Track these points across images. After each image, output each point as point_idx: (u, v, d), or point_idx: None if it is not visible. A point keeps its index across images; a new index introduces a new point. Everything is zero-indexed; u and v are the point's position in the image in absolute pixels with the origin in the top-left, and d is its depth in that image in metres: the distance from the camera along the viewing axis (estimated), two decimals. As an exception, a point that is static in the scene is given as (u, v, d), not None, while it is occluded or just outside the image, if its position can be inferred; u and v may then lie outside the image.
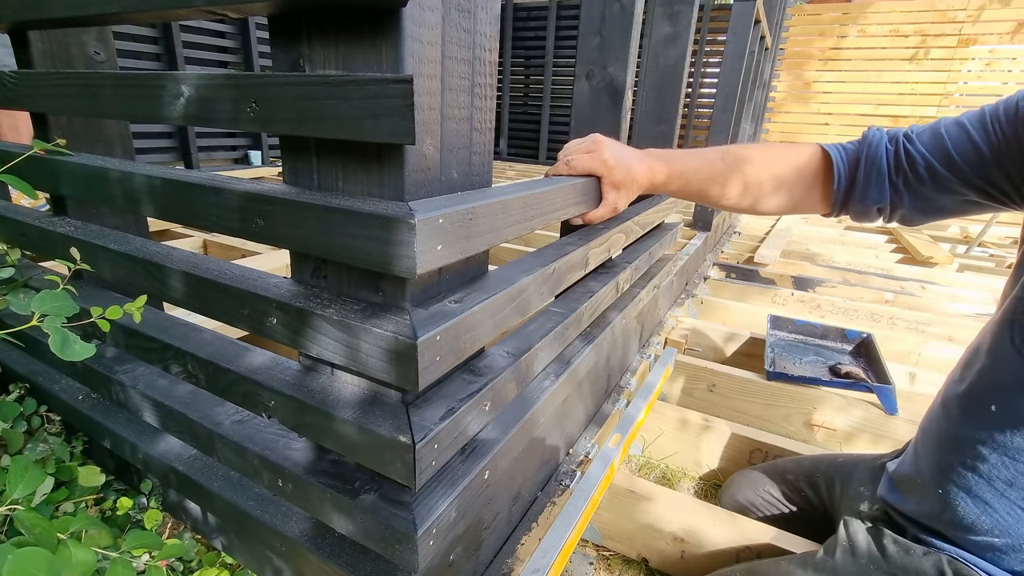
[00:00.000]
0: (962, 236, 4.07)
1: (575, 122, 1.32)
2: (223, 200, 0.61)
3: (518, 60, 7.05)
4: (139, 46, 3.86)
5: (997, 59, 5.05)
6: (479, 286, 0.66)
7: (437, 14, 0.52)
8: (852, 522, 0.83)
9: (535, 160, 7.00)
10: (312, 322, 0.56)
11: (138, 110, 0.69)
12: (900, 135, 0.80)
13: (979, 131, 0.71)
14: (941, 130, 0.75)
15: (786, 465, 1.14)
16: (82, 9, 0.69)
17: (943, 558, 0.71)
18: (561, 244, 0.93)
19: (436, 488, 0.59)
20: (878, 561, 0.77)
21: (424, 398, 0.60)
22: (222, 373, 0.68)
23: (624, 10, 1.18)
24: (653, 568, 1.06)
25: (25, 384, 0.97)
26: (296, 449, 0.66)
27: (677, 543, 1.03)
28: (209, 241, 2.42)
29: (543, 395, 0.80)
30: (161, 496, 0.89)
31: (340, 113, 0.50)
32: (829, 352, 1.76)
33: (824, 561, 0.82)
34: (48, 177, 0.86)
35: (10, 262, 0.96)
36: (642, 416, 1.18)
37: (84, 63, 0.96)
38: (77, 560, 0.52)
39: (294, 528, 0.67)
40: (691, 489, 1.35)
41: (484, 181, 0.67)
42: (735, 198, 0.90)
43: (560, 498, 0.94)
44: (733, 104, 2.45)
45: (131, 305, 0.64)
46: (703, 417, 1.38)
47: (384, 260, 0.50)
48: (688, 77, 1.94)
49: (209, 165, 4.57)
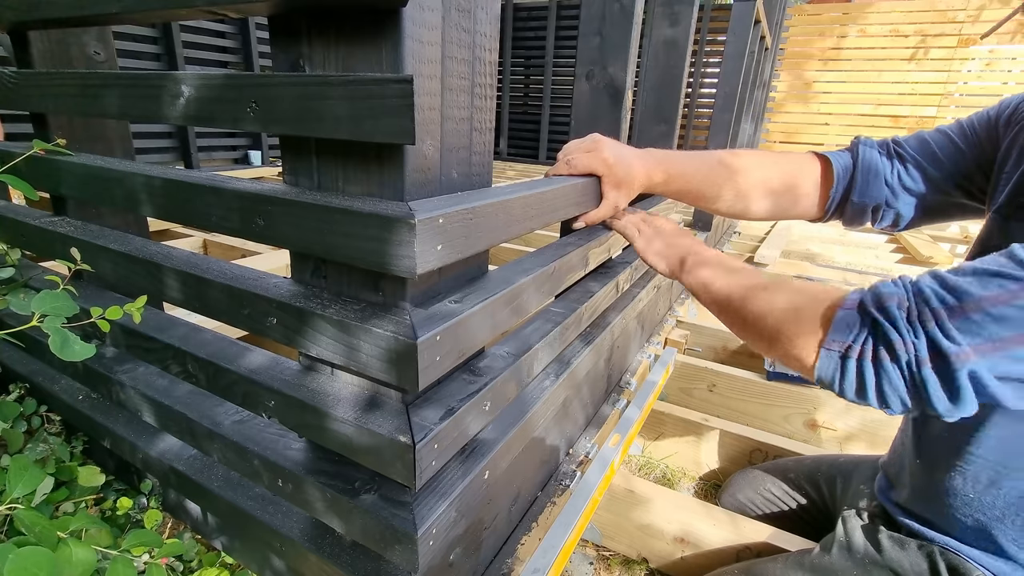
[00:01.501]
0: (962, 236, 4.07)
1: (575, 122, 1.32)
2: (223, 200, 0.62)
3: (518, 60, 7.05)
4: (139, 46, 3.86)
5: (997, 59, 5.05)
6: (479, 286, 0.66)
7: (437, 14, 0.52)
8: (850, 519, 0.83)
9: (535, 160, 7.00)
10: (312, 322, 0.56)
11: (138, 110, 0.69)
12: (888, 141, 0.85)
13: (958, 135, 0.79)
14: (925, 135, 0.83)
15: (787, 464, 1.14)
16: (82, 9, 0.69)
17: (935, 549, 0.72)
18: (561, 244, 0.93)
19: (436, 488, 0.59)
20: (873, 556, 0.77)
21: (424, 398, 0.60)
22: (222, 373, 0.68)
23: (624, 10, 1.18)
24: (653, 568, 1.06)
25: (25, 384, 0.97)
26: (296, 449, 0.66)
27: (677, 543, 1.03)
28: (209, 241, 2.42)
29: (543, 395, 0.80)
30: (161, 496, 0.89)
31: (340, 113, 0.50)
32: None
33: (820, 558, 0.82)
34: (48, 177, 0.86)
35: (10, 262, 0.96)
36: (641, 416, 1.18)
37: (84, 63, 0.96)
38: (77, 559, 0.52)
39: (294, 528, 0.67)
40: (691, 489, 1.35)
41: (484, 181, 0.67)
42: (730, 200, 0.91)
43: (560, 498, 0.94)
44: (733, 104, 2.45)
45: (131, 305, 0.64)
46: (703, 417, 1.38)
47: (384, 260, 0.50)
48: (688, 77, 1.94)
49: (209, 165, 4.57)
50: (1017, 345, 0.49)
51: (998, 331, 0.49)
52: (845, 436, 1.45)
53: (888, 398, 0.55)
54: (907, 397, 0.54)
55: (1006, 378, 0.50)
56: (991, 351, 0.49)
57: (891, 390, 0.54)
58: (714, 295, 0.75)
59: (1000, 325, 0.49)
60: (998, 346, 0.49)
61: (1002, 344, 0.49)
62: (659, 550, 1.05)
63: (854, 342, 0.56)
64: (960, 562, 0.70)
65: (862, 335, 0.55)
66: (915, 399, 0.54)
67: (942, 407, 0.52)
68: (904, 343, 0.52)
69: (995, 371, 0.49)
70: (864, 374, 0.55)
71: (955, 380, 0.51)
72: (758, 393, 1.53)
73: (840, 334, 0.56)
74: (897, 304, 0.54)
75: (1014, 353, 0.49)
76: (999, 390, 0.50)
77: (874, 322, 0.55)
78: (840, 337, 0.56)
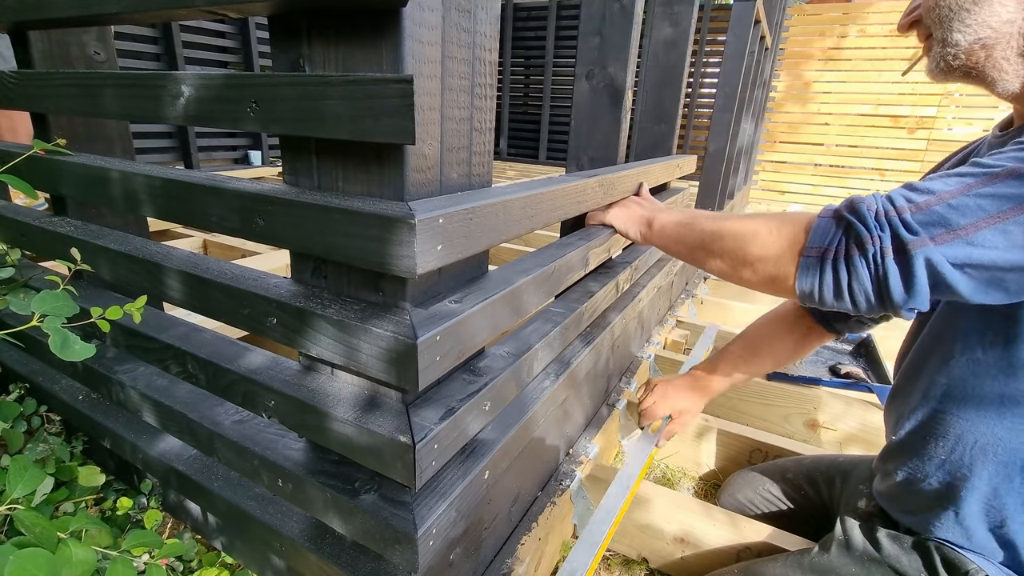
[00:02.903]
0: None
1: (575, 122, 1.32)
2: (223, 200, 0.62)
3: (518, 60, 7.05)
4: (139, 46, 3.85)
5: (997, 59, 5.05)
6: (479, 286, 0.66)
7: (437, 14, 0.52)
8: (849, 518, 0.83)
9: (535, 160, 7.00)
10: (312, 322, 0.56)
11: (138, 110, 0.69)
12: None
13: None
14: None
15: (786, 464, 1.14)
16: (82, 9, 0.69)
17: (931, 545, 0.72)
18: (561, 244, 0.93)
19: (436, 488, 0.59)
20: (872, 554, 0.77)
21: (424, 398, 0.60)
22: (222, 373, 0.68)
23: (624, 10, 1.18)
24: (653, 568, 1.06)
25: (25, 384, 0.97)
26: (296, 449, 0.66)
27: (677, 543, 1.03)
28: (209, 241, 2.42)
29: (543, 395, 0.80)
30: (161, 496, 0.89)
31: (340, 113, 0.50)
32: (829, 352, 1.76)
33: (819, 557, 0.82)
34: (48, 177, 0.86)
35: (10, 262, 0.96)
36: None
37: (84, 63, 0.96)
38: (77, 559, 0.52)
39: (294, 528, 0.67)
40: (691, 489, 1.35)
41: (484, 181, 0.67)
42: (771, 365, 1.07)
43: (561, 498, 0.94)
44: (733, 104, 2.45)
45: (131, 305, 0.64)
46: (703, 417, 1.38)
47: (384, 260, 0.50)
48: (688, 77, 1.94)
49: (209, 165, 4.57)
50: (974, 230, 0.51)
51: (956, 219, 0.52)
52: (844, 437, 1.45)
53: (856, 295, 0.58)
54: (871, 292, 0.57)
55: (965, 265, 0.52)
56: (949, 239, 0.52)
57: (858, 285, 0.57)
58: (685, 239, 0.82)
59: (958, 213, 0.52)
60: (957, 233, 0.51)
61: (961, 231, 0.51)
62: (659, 550, 1.04)
63: (830, 244, 0.59)
64: (956, 556, 0.70)
65: (837, 236, 0.58)
66: (877, 293, 0.56)
67: (899, 296, 0.55)
68: (872, 237, 0.55)
69: (953, 258, 0.52)
70: (839, 273, 0.58)
71: (911, 267, 0.53)
72: (758, 393, 1.53)
73: (818, 240, 0.60)
74: (867, 206, 0.57)
75: (971, 238, 0.51)
76: (955, 277, 0.52)
77: (848, 224, 0.58)
78: (818, 243, 0.60)
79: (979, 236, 0.50)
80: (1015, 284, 0.52)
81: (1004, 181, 0.50)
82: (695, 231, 0.79)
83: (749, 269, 0.68)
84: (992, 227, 0.50)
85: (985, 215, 0.50)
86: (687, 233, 0.81)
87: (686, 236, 0.81)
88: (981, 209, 0.51)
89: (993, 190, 0.51)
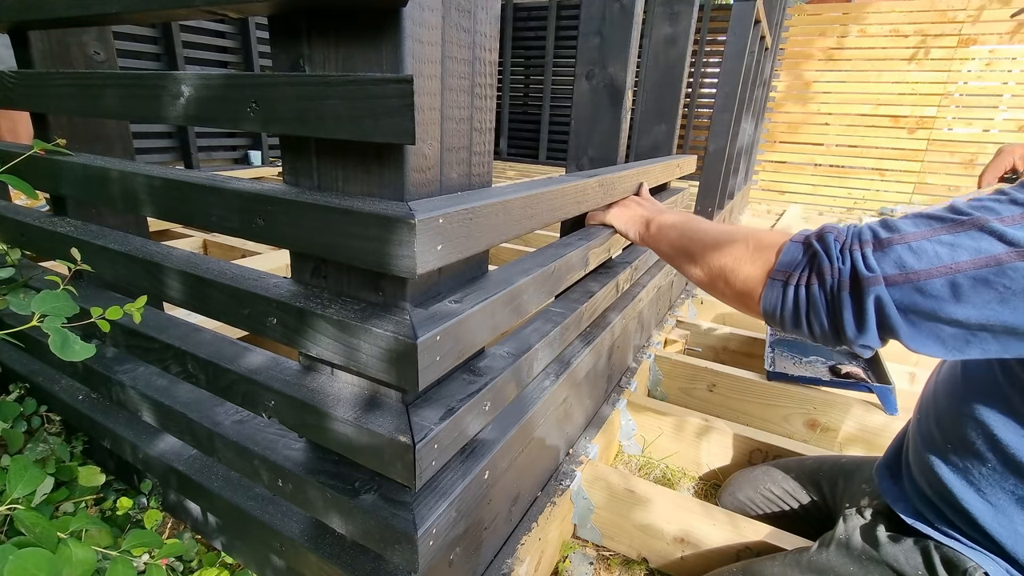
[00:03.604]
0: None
1: (575, 122, 1.32)
2: (223, 200, 0.62)
3: (518, 60, 7.05)
4: (139, 46, 3.85)
5: (997, 59, 5.04)
6: (479, 286, 0.66)
7: (437, 14, 0.52)
8: (850, 517, 0.83)
9: (535, 160, 7.00)
10: (312, 322, 0.56)
11: (138, 110, 0.69)
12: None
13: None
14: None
15: (788, 464, 1.14)
16: (82, 9, 0.69)
17: (930, 544, 0.72)
18: (561, 244, 0.93)
19: (436, 488, 0.59)
20: (870, 553, 0.77)
21: (424, 398, 0.60)
22: (222, 373, 0.68)
23: (624, 10, 1.18)
24: (653, 568, 1.05)
25: (25, 384, 0.97)
26: (296, 449, 0.66)
27: (677, 543, 1.03)
28: (209, 241, 2.42)
29: (543, 395, 0.80)
30: (161, 496, 0.89)
31: (340, 113, 0.50)
32: (829, 352, 1.76)
33: (818, 555, 0.82)
34: (48, 177, 0.86)
35: (10, 262, 0.96)
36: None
37: (84, 63, 0.96)
38: (77, 559, 0.52)
39: (294, 528, 0.67)
40: (691, 489, 1.35)
41: (484, 181, 0.67)
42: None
43: (561, 498, 0.94)
44: (733, 104, 2.45)
45: (131, 305, 0.64)
46: (703, 417, 1.38)
47: (384, 260, 0.50)
48: (688, 77, 1.94)
49: (209, 165, 4.57)
50: (926, 277, 0.51)
51: (912, 263, 0.51)
52: (845, 436, 1.45)
53: (812, 324, 0.58)
54: (826, 323, 0.57)
55: (909, 310, 0.52)
56: (901, 281, 0.52)
57: (814, 315, 0.57)
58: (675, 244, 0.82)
59: (915, 257, 0.52)
60: (909, 276, 0.51)
61: (913, 275, 0.51)
62: (659, 550, 1.04)
63: (794, 270, 0.60)
64: (955, 556, 0.70)
65: (803, 263, 0.59)
66: (832, 325, 0.57)
67: (851, 332, 0.55)
68: (832, 269, 0.56)
69: (899, 301, 0.52)
70: (799, 299, 0.59)
71: (863, 304, 0.53)
72: (758, 393, 1.53)
73: (785, 263, 0.61)
74: (835, 237, 0.58)
75: (920, 285, 0.51)
76: (898, 321, 0.52)
77: (813, 253, 0.58)
78: (784, 267, 0.61)
79: (929, 284, 0.50)
80: (951, 339, 0.52)
81: (967, 232, 0.50)
82: (684, 237, 0.80)
83: (723, 282, 0.69)
84: (943, 277, 0.50)
85: (940, 264, 0.50)
86: (676, 238, 0.82)
87: (676, 241, 0.82)
88: (937, 257, 0.51)
89: (953, 239, 0.51)
